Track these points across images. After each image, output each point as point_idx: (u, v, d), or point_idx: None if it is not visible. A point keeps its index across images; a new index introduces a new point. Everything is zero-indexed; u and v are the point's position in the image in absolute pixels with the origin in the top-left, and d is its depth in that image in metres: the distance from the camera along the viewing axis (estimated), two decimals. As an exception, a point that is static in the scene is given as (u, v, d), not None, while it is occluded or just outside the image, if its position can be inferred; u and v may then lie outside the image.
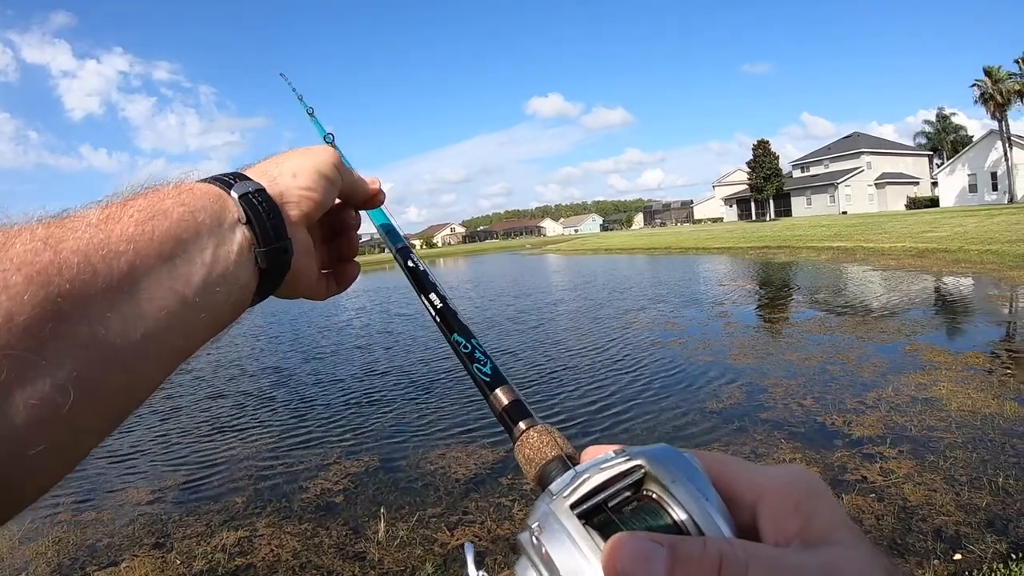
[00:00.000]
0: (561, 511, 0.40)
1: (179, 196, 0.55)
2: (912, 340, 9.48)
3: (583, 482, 0.41)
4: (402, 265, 0.77)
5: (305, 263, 0.69)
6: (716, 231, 57.20)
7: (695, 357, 9.76)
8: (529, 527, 0.40)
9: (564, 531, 0.38)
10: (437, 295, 0.70)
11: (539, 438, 0.54)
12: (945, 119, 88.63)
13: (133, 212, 0.51)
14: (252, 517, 5.60)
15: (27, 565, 5.19)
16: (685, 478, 0.40)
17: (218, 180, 0.61)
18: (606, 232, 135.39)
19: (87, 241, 0.46)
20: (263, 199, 0.61)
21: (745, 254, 33.51)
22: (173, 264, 0.51)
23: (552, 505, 0.40)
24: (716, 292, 18.46)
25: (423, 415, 8.12)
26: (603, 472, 0.42)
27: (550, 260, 50.30)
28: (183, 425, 9.03)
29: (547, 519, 0.39)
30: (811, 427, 6.23)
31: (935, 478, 4.87)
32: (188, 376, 12.13)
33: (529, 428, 0.55)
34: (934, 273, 17.94)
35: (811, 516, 0.38)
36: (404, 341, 14.27)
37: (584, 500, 0.40)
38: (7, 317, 0.40)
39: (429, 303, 0.70)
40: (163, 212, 0.53)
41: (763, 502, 0.40)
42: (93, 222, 0.48)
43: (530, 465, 0.52)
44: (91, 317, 0.44)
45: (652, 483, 0.41)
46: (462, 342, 0.64)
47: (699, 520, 0.38)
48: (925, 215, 40.15)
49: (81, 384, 0.44)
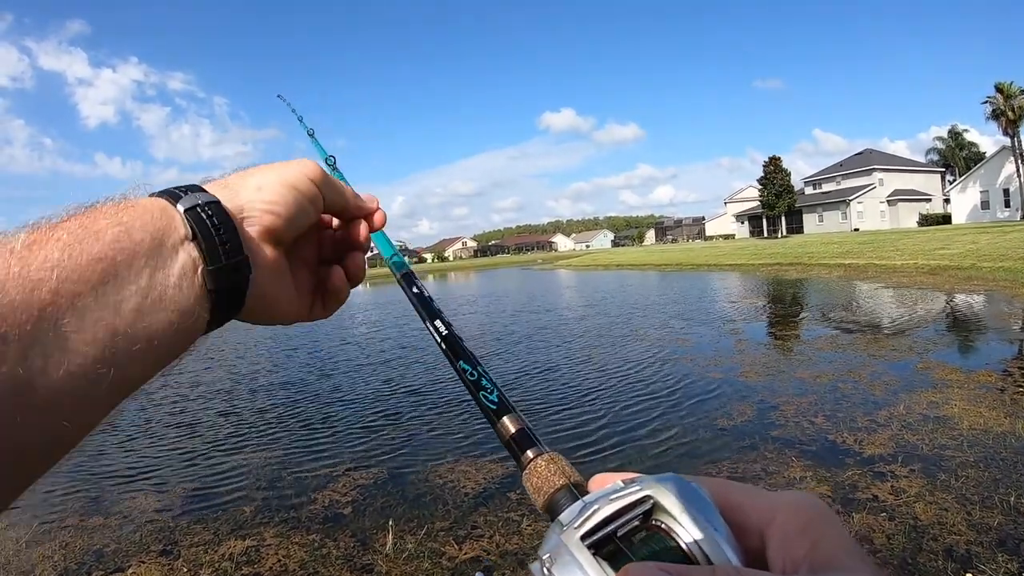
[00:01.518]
0: (572, 543, 0.41)
1: (116, 215, 0.52)
2: (924, 358, 9.45)
3: (593, 513, 0.42)
4: (407, 292, 0.77)
5: (275, 285, 0.65)
6: (728, 248, 57.17)
7: (706, 374, 9.73)
8: (540, 558, 0.41)
9: (576, 563, 0.39)
10: (442, 322, 0.70)
11: (547, 467, 0.54)
12: (957, 136, 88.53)
13: (61, 235, 0.47)
14: (260, 527, 5.61)
15: (33, 568, 5.20)
16: (693, 508, 0.41)
17: (167, 193, 0.57)
18: (618, 248, 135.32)
19: (4, 271, 0.43)
20: (214, 212, 0.57)
21: (756, 271, 33.42)
22: (103, 291, 0.48)
23: (563, 536, 0.42)
24: (727, 309, 18.43)
25: (432, 428, 8.12)
26: (612, 503, 0.43)
27: (561, 275, 50.26)
28: (192, 434, 9.05)
29: (558, 550, 0.41)
30: (822, 445, 6.20)
31: (946, 497, 4.84)
32: (200, 388, 12.17)
33: (537, 456, 0.55)
34: (946, 290, 17.87)
35: (817, 541, 0.39)
36: (414, 355, 14.23)
37: (594, 531, 0.42)
38: None
39: (435, 329, 0.70)
40: (94, 234, 0.49)
41: (770, 528, 0.41)
42: (16, 248, 0.45)
43: (538, 494, 0.53)
44: (6, 356, 0.41)
45: (661, 513, 0.43)
46: (468, 369, 0.64)
47: (707, 549, 0.39)
48: (937, 232, 40.06)
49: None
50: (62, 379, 0.44)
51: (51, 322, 0.44)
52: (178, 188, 0.58)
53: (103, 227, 0.49)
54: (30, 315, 0.43)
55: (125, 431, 9.52)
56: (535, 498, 0.53)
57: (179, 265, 0.54)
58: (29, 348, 0.42)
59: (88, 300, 0.46)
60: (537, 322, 18.93)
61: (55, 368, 0.44)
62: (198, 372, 14.75)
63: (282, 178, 0.64)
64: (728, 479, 0.46)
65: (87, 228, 0.49)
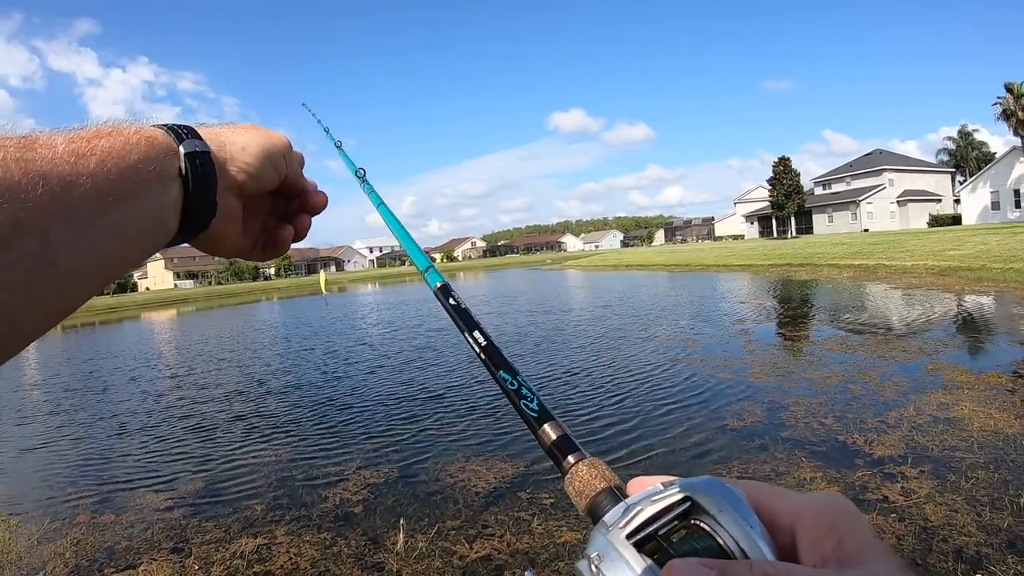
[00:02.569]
0: (619, 541, 0.43)
1: (137, 144, 0.61)
2: (934, 359, 9.44)
3: (637, 514, 0.45)
4: (444, 304, 0.78)
5: (227, 228, 0.76)
6: (737, 248, 56.94)
7: (716, 375, 9.75)
8: (588, 556, 0.44)
9: (623, 560, 0.42)
10: (481, 333, 0.71)
11: (588, 471, 0.55)
12: (967, 136, 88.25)
13: (96, 150, 0.56)
14: (271, 524, 5.65)
15: (45, 565, 5.25)
16: (730, 507, 0.44)
17: (172, 131, 0.67)
18: (626, 248, 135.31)
19: (51, 169, 0.51)
20: (205, 162, 0.68)
21: (766, 271, 33.36)
22: (122, 203, 0.57)
23: (610, 536, 0.44)
24: (737, 309, 18.41)
25: (443, 427, 8.16)
26: (654, 504, 0.46)
27: (571, 276, 50.16)
28: (203, 432, 9.14)
29: (606, 549, 0.43)
30: (832, 446, 6.21)
31: (956, 498, 4.86)
32: (211, 387, 12.23)
33: (578, 462, 0.56)
34: (956, 292, 17.82)
35: (844, 537, 0.42)
36: (426, 355, 14.28)
37: (638, 530, 0.44)
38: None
39: (473, 340, 0.71)
40: (122, 155, 0.58)
41: (800, 525, 0.44)
42: (60, 153, 0.52)
43: (580, 497, 0.54)
44: (45, 236, 0.49)
45: (700, 513, 0.45)
46: (508, 379, 0.65)
47: (744, 545, 0.42)
48: (947, 233, 39.84)
49: (24, 291, 0.49)
50: (79, 263, 0.54)
51: (81, 219, 0.53)
52: (180, 127, 0.68)
53: (128, 151, 0.59)
54: (65, 210, 0.51)
55: (137, 429, 9.61)
56: (577, 501, 0.54)
57: (172, 196, 0.65)
58: (61, 233, 0.51)
59: (110, 207, 0.56)
60: (553, 323, 18.92)
61: (76, 253, 0.53)
62: (210, 371, 14.84)
63: (264, 147, 0.76)
64: (756, 481, 0.49)
65: (116, 149, 0.58)
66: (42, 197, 0.49)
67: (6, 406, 12.98)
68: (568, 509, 5.28)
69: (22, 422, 11.19)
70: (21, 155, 0.49)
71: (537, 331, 17.05)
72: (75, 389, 14.37)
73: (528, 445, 6.93)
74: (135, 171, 0.59)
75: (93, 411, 11.47)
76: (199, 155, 0.67)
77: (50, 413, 11.69)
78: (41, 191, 0.49)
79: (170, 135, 0.66)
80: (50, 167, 0.51)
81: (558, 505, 5.40)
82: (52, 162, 0.51)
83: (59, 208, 0.50)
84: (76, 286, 0.55)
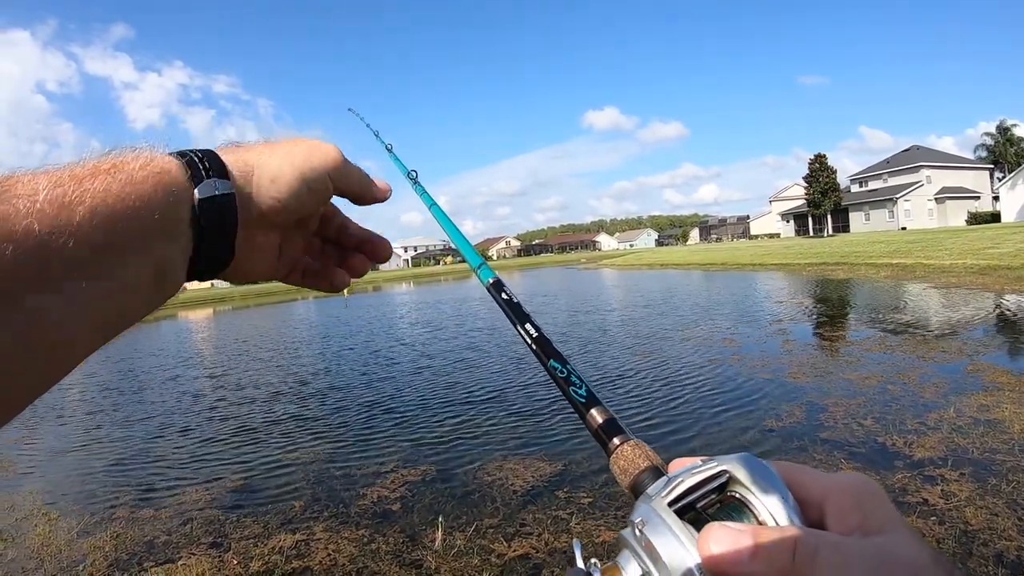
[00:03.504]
0: (661, 508, 0.47)
1: (143, 183, 0.53)
2: (974, 360, 9.35)
3: (678, 484, 0.49)
4: (496, 298, 0.81)
5: (251, 261, 0.69)
6: (773, 247, 56.51)
7: (754, 374, 9.74)
8: (632, 522, 0.48)
9: (665, 524, 0.46)
10: (532, 325, 0.74)
11: (632, 451, 0.58)
12: (1006, 131, 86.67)
13: (87, 196, 0.48)
14: (309, 521, 5.72)
15: (85, 558, 5.37)
16: (764, 481, 0.48)
17: (191, 163, 0.58)
18: (661, 247, 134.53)
19: (25, 227, 0.44)
20: (224, 206, 0.60)
21: (802, 271, 33.05)
22: (117, 261, 0.51)
23: (653, 504, 0.48)
24: (774, 309, 18.29)
25: (480, 426, 8.22)
26: (694, 476, 0.49)
27: (606, 275, 49.98)
28: (241, 429, 9.28)
29: (649, 515, 0.47)
30: (871, 448, 6.20)
31: (997, 502, 4.84)
32: (251, 386, 12.38)
33: (623, 443, 0.60)
34: (996, 291, 17.56)
35: (869, 513, 0.46)
36: (467, 355, 14.35)
37: (678, 500, 0.48)
38: None
39: (525, 332, 0.74)
40: (120, 200, 0.50)
41: (829, 501, 0.48)
42: (40, 202, 0.45)
43: (624, 475, 0.57)
44: (17, 307, 0.43)
45: (736, 485, 0.50)
46: (558, 367, 0.68)
47: (776, 514, 0.47)
48: (987, 231, 39.27)
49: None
50: (56, 327, 0.47)
51: (59, 279, 0.46)
52: (201, 158, 0.60)
53: (126, 194, 0.51)
54: (41, 271, 0.44)
55: (177, 426, 9.76)
56: (621, 479, 0.58)
57: (181, 246, 0.58)
58: (35, 298, 0.44)
59: (97, 261, 0.49)
60: (597, 323, 18.91)
61: (51, 317, 0.46)
62: (250, 370, 15.01)
63: (300, 172, 0.66)
64: (793, 462, 0.53)
65: (110, 191, 0.50)
66: (10, 263, 0.42)
67: (46, 404, 13.20)
68: (606, 509, 5.32)
69: (61, 420, 11.41)
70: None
71: (582, 331, 17.05)
72: (114, 389, 14.58)
73: (566, 445, 6.99)
74: (135, 220, 0.52)
75: (131, 410, 11.68)
76: (218, 199, 0.59)
77: (89, 412, 11.88)
78: (10, 254, 0.42)
79: (186, 169, 0.58)
80: (24, 224, 0.44)
81: (596, 504, 5.43)
82: (28, 216, 0.44)
83: (34, 275, 0.44)
84: (63, 356, 0.49)
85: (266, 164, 0.65)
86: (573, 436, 7.26)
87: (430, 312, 28.14)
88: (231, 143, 0.68)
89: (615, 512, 5.24)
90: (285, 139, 0.69)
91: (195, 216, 0.58)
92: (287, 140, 0.69)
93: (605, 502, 5.46)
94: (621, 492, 4.24)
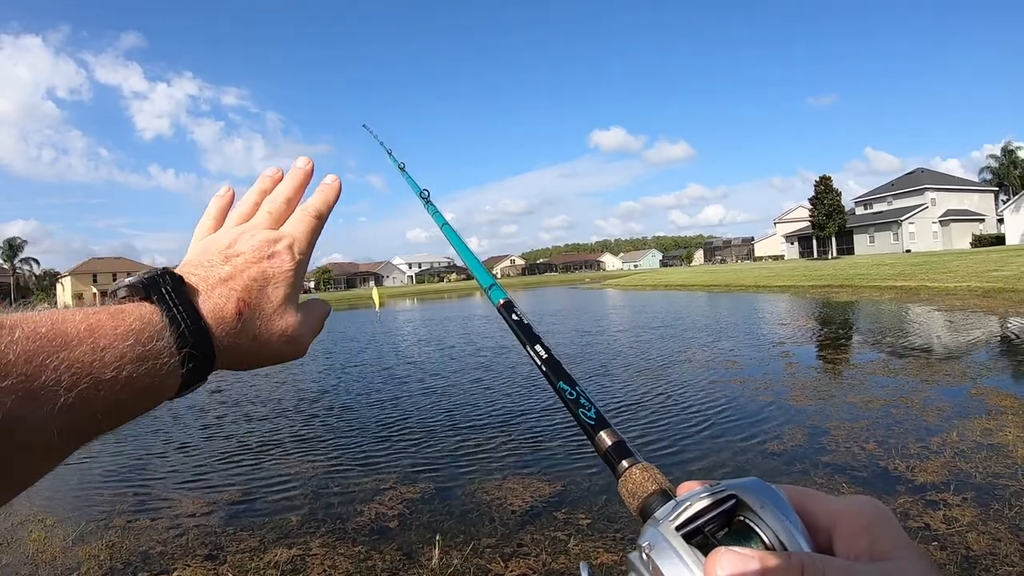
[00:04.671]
0: (668, 532, 0.47)
1: (121, 340, 0.54)
2: (978, 384, 9.31)
3: (686, 508, 0.49)
4: (507, 319, 0.81)
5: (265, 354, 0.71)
6: (777, 269, 56.51)
7: (756, 397, 9.70)
8: (639, 546, 0.48)
9: (672, 549, 0.46)
10: (542, 346, 0.74)
11: (640, 474, 0.59)
12: (1011, 153, 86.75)
13: (61, 364, 0.48)
14: (306, 536, 5.69)
15: (79, 566, 5.34)
16: (773, 505, 0.48)
17: (174, 323, 0.59)
18: (666, 268, 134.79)
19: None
20: (205, 371, 0.63)
21: (806, 293, 33.00)
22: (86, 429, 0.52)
23: (660, 528, 0.48)
24: (777, 331, 18.24)
25: (479, 445, 8.18)
26: (702, 500, 0.50)
27: (611, 295, 49.99)
28: (241, 441, 9.27)
29: (656, 539, 0.47)
30: (873, 472, 6.17)
31: (1000, 527, 4.80)
32: (250, 399, 12.36)
33: (632, 466, 0.60)
34: (1000, 314, 17.54)
35: (878, 537, 0.46)
36: (467, 371, 14.35)
37: (686, 524, 0.48)
38: None
39: (535, 354, 0.74)
40: (96, 369, 0.51)
41: (837, 526, 0.48)
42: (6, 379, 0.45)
43: (633, 498, 0.58)
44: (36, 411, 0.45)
45: (744, 509, 0.49)
46: (567, 389, 0.68)
47: (783, 538, 0.46)
48: (991, 253, 39.33)
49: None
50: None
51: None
52: (185, 317, 0.61)
53: (103, 362, 0.52)
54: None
55: (175, 438, 9.73)
56: (630, 502, 0.58)
57: (169, 387, 0.59)
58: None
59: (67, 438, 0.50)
60: (602, 343, 18.95)
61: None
62: (248, 383, 14.97)
63: (296, 347, 0.72)
64: (803, 486, 0.53)
65: (83, 368, 0.50)
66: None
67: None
68: (605, 530, 5.28)
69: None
70: None
71: (583, 350, 17.00)
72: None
73: (566, 466, 6.96)
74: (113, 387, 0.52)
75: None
76: (201, 361, 0.62)
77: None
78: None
79: (170, 330, 0.59)
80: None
81: (595, 526, 5.40)
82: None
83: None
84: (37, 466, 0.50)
85: (268, 337, 0.68)
86: (573, 457, 7.24)
87: (437, 329, 28.11)
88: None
89: (614, 534, 5.21)
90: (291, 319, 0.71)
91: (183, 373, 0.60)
92: (294, 319, 0.71)
93: (604, 523, 5.42)
94: (621, 514, 4.25)
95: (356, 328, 33.15)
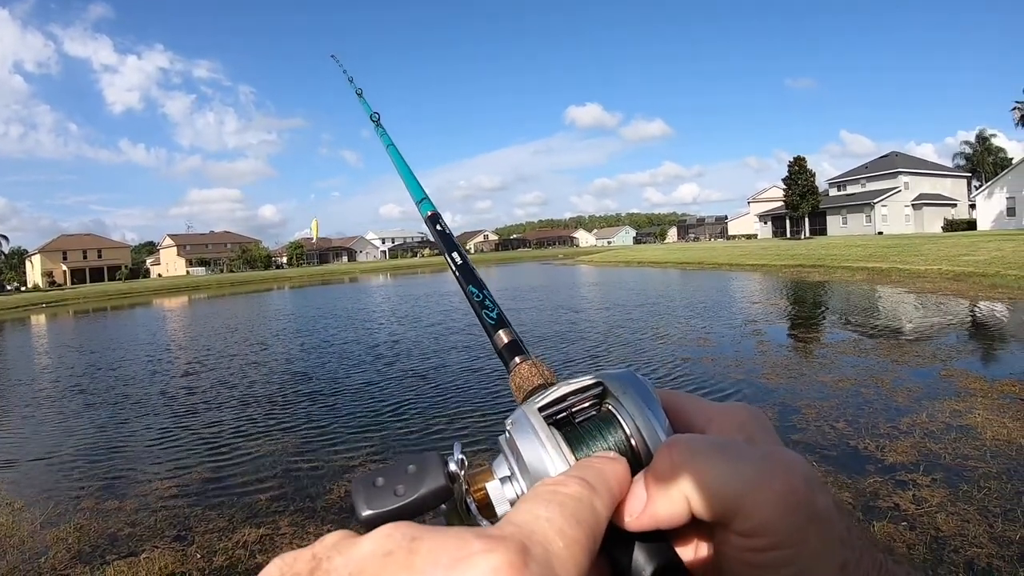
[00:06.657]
0: (531, 411, 0.49)
1: None
2: (947, 366, 9.37)
3: (552, 391, 0.51)
4: (431, 229, 0.90)
5: None
6: (750, 247, 56.87)
7: (728, 375, 9.74)
8: (505, 426, 0.50)
9: (530, 424, 0.48)
10: (459, 254, 0.81)
11: (529, 369, 0.63)
12: (985, 141, 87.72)
13: None
14: (275, 515, 5.67)
15: (47, 550, 5.28)
16: (638, 396, 0.49)
17: None
18: (639, 245, 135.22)
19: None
20: None
21: (779, 272, 33.23)
22: None
23: (524, 407, 0.50)
24: (749, 310, 18.36)
25: (451, 420, 8.19)
26: (569, 385, 0.51)
27: (582, 271, 50.15)
28: (210, 420, 9.20)
29: (519, 417, 0.49)
30: (843, 451, 6.18)
31: (968, 508, 4.81)
32: (218, 378, 12.26)
33: (523, 362, 0.64)
34: (970, 297, 17.67)
35: (751, 435, 0.47)
36: (437, 350, 14.33)
37: (551, 406, 0.50)
38: None
39: (452, 260, 0.81)
40: None
41: (711, 425, 0.49)
42: None
43: (519, 392, 0.62)
44: None
45: (610, 398, 0.51)
46: (475, 292, 0.74)
47: (639, 423, 0.48)
48: (962, 238, 39.74)
49: None
50: None
51: None
52: None
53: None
54: None
55: (142, 417, 9.64)
56: (516, 395, 0.62)
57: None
58: None
59: None
60: (571, 317, 18.96)
61: None
62: (218, 363, 14.87)
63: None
64: (681, 391, 0.54)
65: None
66: None
67: (14, 392, 13.06)
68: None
69: (29, 408, 11.27)
70: None
71: (551, 325, 17.06)
72: (83, 377, 14.51)
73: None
74: None
75: (100, 399, 11.56)
76: None
77: (57, 400, 11.79)
78: None
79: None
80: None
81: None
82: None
83: None
84: None
85: None
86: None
87: (407, 306, 28.06)
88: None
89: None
90: None
91: None
92: None
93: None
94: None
95: (327, 305, 33.10)
